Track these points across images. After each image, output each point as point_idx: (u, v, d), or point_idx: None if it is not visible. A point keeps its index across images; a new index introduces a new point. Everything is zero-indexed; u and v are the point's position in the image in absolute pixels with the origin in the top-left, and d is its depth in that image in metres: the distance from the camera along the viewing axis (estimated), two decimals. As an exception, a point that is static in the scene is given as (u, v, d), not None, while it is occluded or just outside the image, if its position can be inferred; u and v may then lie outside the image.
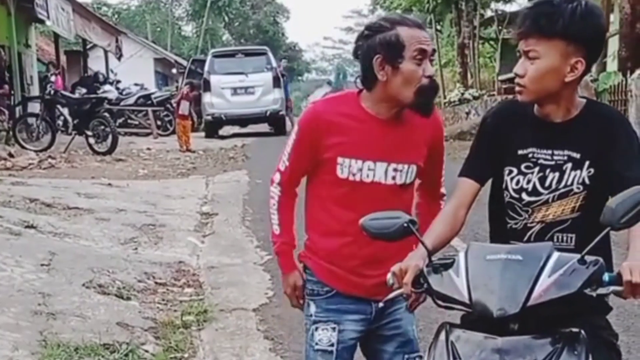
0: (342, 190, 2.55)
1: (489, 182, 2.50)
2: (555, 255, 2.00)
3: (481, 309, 1.94)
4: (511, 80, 21.52)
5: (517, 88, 2.32)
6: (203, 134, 20.30)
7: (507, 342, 1.90)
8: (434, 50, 2.51)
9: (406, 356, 2.64)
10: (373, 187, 2.54)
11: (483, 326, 1.95)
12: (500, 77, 22.06)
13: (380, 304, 2.33)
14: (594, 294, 1.95)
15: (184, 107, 16.78)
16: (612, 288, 1.95)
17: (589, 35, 2.25)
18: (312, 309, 2.65)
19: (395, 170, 2.55)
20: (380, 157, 2.53)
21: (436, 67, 13.40)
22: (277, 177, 2.71)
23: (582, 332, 1.98)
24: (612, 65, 14.36)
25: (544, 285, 1.92)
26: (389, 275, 2.19)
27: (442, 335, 2.03)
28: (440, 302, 2.12)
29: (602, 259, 2.00)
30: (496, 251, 2.04)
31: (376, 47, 2.46)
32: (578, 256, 1.99)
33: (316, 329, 2.62)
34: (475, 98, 19.58)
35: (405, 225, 2.15)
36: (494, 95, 19.70)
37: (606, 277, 1.98)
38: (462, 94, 20.10)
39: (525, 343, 1.91)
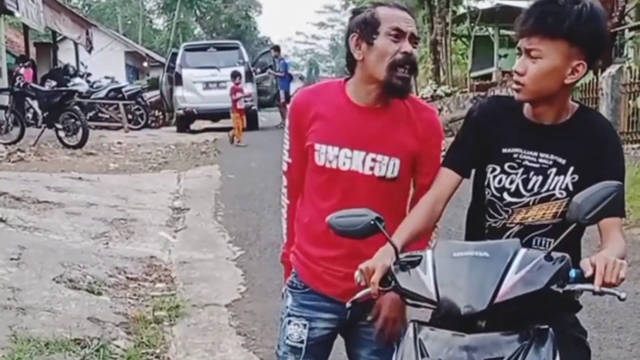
0: (322, 179, 2.51)
1: (470, 181, 2.51)
2: (522, 251, 2.01)
3: (448, 307, 1.94)
4: (483, 77, 21.76)
5: (515, 86, 2.30)
6: (174, 128, 20.17)
7: (474, 340, 1.90)
8: (414, 35, 2.44)
9: None
10: (351, 176, 2.48)
11: (452, 324, 1.95)
12: (472, 74, 22.27)
13: (348, 304, 2.26)
14: (561, 291, 1.96)
15: (241, 100, 16.25)
16: (578, 286, 1.96)
17: (592, 38, 2.24)
18: (289, 301, 2.64)
19: (373, 160, 2.48)
20: (357, 145, 2.47)
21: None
22: (283, 181, 2.69)
23: (550, 328, 1.99)
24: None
25: (511, 282, 1.93)
26: (356, 274, 2.18)
27: (410, 333, 2.02)
28: (408, 301, 2.13)
29: (568, 256, 2.01)
30: (463, 248, 2.05)
31: (353, 26, 2.46)
32: (545, 252, 2.00)
33: (289, 322, 2.62)
34: (447, 95, 19.67)
35: (372, 222, 2.14)
36: (466, 92, 19.81)
37: (573, 273, 1.99)
38: (435, 90, 20.17)
39: (492, 340, 1.91)
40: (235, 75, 16.85)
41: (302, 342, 2.60)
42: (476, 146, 2.42)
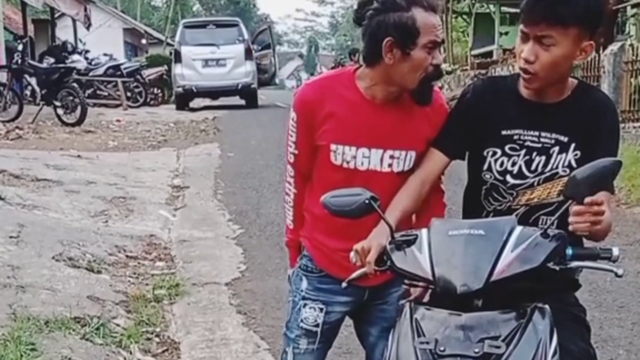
0: (338, 177, 2.45)
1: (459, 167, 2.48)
2: (518, 229, 2.00)
3: (444, 285, 1.93)
4: (484, 55, 21.65)
5: (525, 75, 2.24)
6: (173, 106, 20.10)
7: (471, 318, 1.89)
8: (443, 40, 2.41)
9: None
10: (369, 176, 2.43)
11: (449, 303, 1.94)
12: (473, 52, 22.15)
13: (344, 284, 2.26)
14: (557, 268, 1.95)
15: None
16: (574, 263, 1.96)
17: (599, 18, 2.23)
18: (304, 284, 2.60)
19: (391, 157, 2.44)
20: (375, 143, 2.43)
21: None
22: (289, 170, 2.64)
23: (547, 306, 1.98)
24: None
25: (507, 260, 1.92)
26: (352, 254, 2.18)
27: (407, 313, 2.01)
28: (404, 280, 2.11)
29: (565, 233, 2.00)
30: (458, 226, 2.03)
31: (389, 27, 2.31)
32: (541, 230, 1.98)
33: (304, 305, 2.59)
34: (448, 73, 19.56)
35: (367, 202, 2.12)
36: (467, 70, 19.73)
37: (570, 250, 1.98)
38: (435, 68, 20.06)
39: (489, 319, 1.90)
40: (353, 52, 15.96)
41: (317, 325, 2.58)
42: (469, 129, 2.39)
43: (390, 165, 2.45)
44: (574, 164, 2.28)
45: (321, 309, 2.57)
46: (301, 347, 2.62)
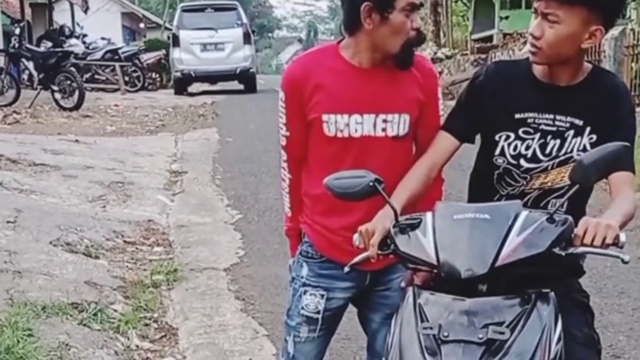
0: (332, 150, 2.44)
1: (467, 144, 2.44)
2: (524, 213, 1.97)
3: (449, 270, 1.90)
4: (484, 39, 21.59)
5: (531, 49, 2.24)
6: (172, 90, 20.04)
7: (475, 304, 1.87)
8: (421, 3, 2.40)
9: None
10: (364, 142, 2.42)
11: (453, 287, 1.91)
12: (473, 36, 22.06)
13: (346, 269, 2.23)
14: (563, 253, 1.92)
15: None
16: (580, 248, 1.92)
17: (610, 2, 2.20)
18: (305, 270, 2.58)
19: (384, 121, 2.42)
20: (366, 109, 2.41)
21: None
22: (282, 155, 2.61)
23: (552, 292, 1.96)
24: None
25: (513, 244, 1.89)
26: (355, 236, 2.15)
27: (410, 298, 1.99)
28: (408, 264, 2.08)
29: (571, 218, 1.97)
30: (464, 210, 2.00)
31: None
32: (547, 214, 1.96)
33: (305, 292, 2.57)
34: (448, 57, 19.50)
35: (371, 184, 2.09)
36: (467, 54, 19.65)
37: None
38: (435, 53, 19.98)
39: (493, 304, 1.87)
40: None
41: (318, 312, 2.56)
42: (481, 112, 2.36)
43: (384, 130, 2.43)
44: (589, 148, 2.25)
45: (322, 295, 2.55)
46: (302, 335, 2.59)
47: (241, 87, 19.93)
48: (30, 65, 15.55)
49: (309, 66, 2.48)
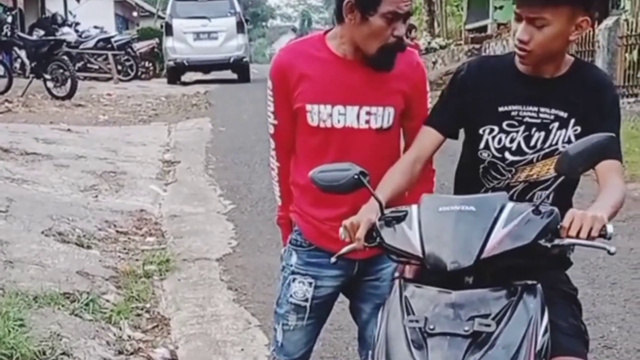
0: (316, 140, 2.44)
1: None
2: (510, 205, 1.97)
3: (434, 262, 1.90)
4: (478, 29, 21.58)
5: (520, 53, 2.24)
6: (165, 79, 19.97)
7: (461, 296, 1.86)
8: (409, 13, 2.36)
9: None
10: (346, 133, 2.42)
11: (439, 280, 1.91)
12: (467, 26, 21.99)
13: (332, 260, 2.22)
14: (549, 245, 1.92)
15: None
16: (567, 240, 1.92)
17: None
18: (294, 259, 2.58)
19: (368, 113, 2.41)
20: (350, 100, 2.40)
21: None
22: (271, 144, 2.60)
23: (538, 284, 1.96)
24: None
25: (498, 236, 1.89)
26: (341, 230, 2.14)
27: (397, 291, 1.98)
28: (393, 257, 2.07)
29: (557, 209, 1.97)
30: (449, 203, 2.00)
31: None
32: (532, 206, 1.95)
33: (293, 280, 2.57)
34: (442, 47, 19.50)
35: (356, 177, 2.08)
36: (461, 44, 19.62)
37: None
38: (429, 43, 19.98)
39: (479, 296, 1.87)
40: (409, 28, 15.42)
41: (306, 300, 2.56)
42: (464, 107, 2.36)
43: (367, 122, 2.42)
44: (573, 139, 2.25)
45: (310, 284, 2.55)
46: (290, 323, 2.59)
47: (234, 76, 19.88)
48: (23, 53, 15.49)
49: (295, 55, 2.48)
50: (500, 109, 2.30)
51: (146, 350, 3.85)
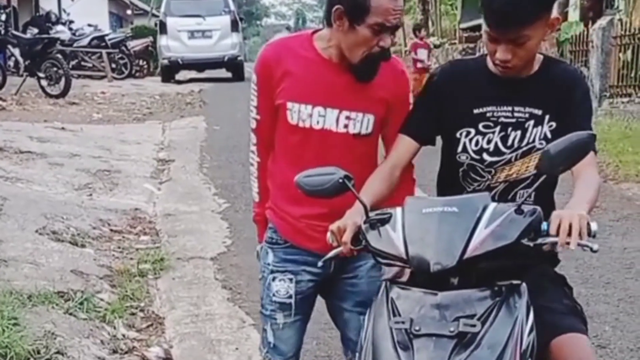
0: (295, 138, 2.45)
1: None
2: (492, 205, 1.97)
3: (418, 264, 1.90)
4: (472, 28, 21.62)
5: (503, 70, 2.23)
6: (159, 78, 19.95)
7: (446, 297, 1.86)
8: (397, 26, 2.35)
9: (362, 317, 2.57)
10: (324, 135, 2.42)
11: (425, 281, 1.91)
12: (461, 25, 22.03)
13: (320, 264, 2.24)
14: (532, 244, 1.92)
15: (424, 56, 13.36)
16: (549, 239, 1.92)
17: None
18: (270, 257, 2.59)
19: (347, 118, 2.42)
20: (331, 103, 2.41)
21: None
22: (252, 138, 2.60)
23: (524, 284, 1.96)
24: (573, 14, 14.37)
25: (481, 236, 1.89)
26: (328, 235, 2.15)
27: (383, 293, 1.99)
28: (380, 260, 2.07)
29: (539, 208, 1.98)
30: (432, 204, 2.00)
31: None
32: (515, 206, 1.96)
33: (273, 279, 2.57)
34: (436, 46, 19.48)
35: (341, 181, 2.09)
36: (455, 43, 19.65)
37: (545, 226, 1.95)
38: (423, 42, 19.97)
39: (464, 297, 1.87)
40: (417, 28, 14.83)
41: (290, 297, 2.56)
42: (439, 112, 2.37)
43: (346, 126, 2.43)
44: (549, 135, 2.27)
45: (291, 279, 2.55)
46: (279, 322, 2.60)
47: (229, 75, 19.87)
48: (16, 51, 15.44)
49: (281, 51, 2.47)
50: (475, 111, 2.32)
51: (140, 349, 3.84)
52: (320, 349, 3.84)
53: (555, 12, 2.22)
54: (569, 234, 1.88)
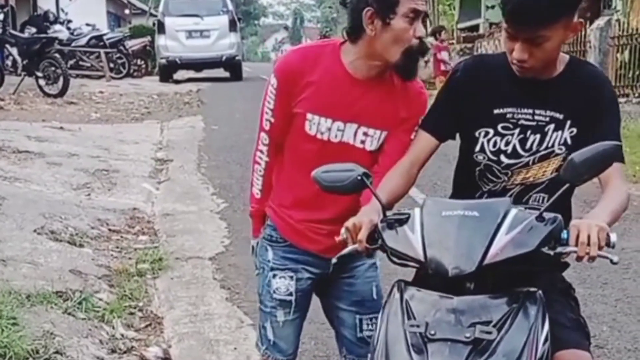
0: (310, 147, 2.44)
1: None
2: (513, 211, 1.94)
3: (436, 267, 1.88)
4: (470, 29, 21.61)
5: (519, 69, 2.19)
6: (157, 77, 19.94)
7: (462, 302, 1.84)
8: (426, 12, 2.35)
9: (358, 317, 2.59)
10: (342, 148, 2.42)
11: (438, 284, 1.89)
12: (459, 25, 22.05)
13: (334, 260, 2.21)
14: (552, 253, 1.90)
15: (446, 58, 13.40)
16: (569, 248, 1.90)
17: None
18: (270, 254, 2.60)
19: (365, 134, 2.42)
20: (351, 118, 2.41)
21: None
22: (263, 138, 2.58)
23: (539, 291, 1.95)
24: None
25: (501, 243, 1.87)
26: (342, 231, 2.13)
27: (397, 294, 1.97)
28: (394, 259, 2.06)
29: (560, 217, 1.95)
30: (452, 207, 1.98)
31: None
32: (536, 213, 1.94)
33: (274, 276, 2.58)
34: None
35: (359, 178, 2.07)
36: (453, 43, 19.64)
37: (565, 234, 1.93)
38: (421, 42, 19.96)
39: (480, 303, 1.85)
40: (438, 30, 14.64)
41: (291, 294, 2.57)
42: (460, 110, 2.33)
43: (363, 142, 2.43)
44: (569, 141, 2.23)
45: (291, 277, 2.57)
46: (279, 319, 2.61)
47: (227, 74, 19.87)
48: (14, 51, 15.42)
49: (307, 60, 2.45)
50: (496, 111, 2.28)
51: (139, 349, 3.85)
52: (319, 349, 3.85)
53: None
54: (588, 245, 1.85)
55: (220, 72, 19.92)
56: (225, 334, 4.08)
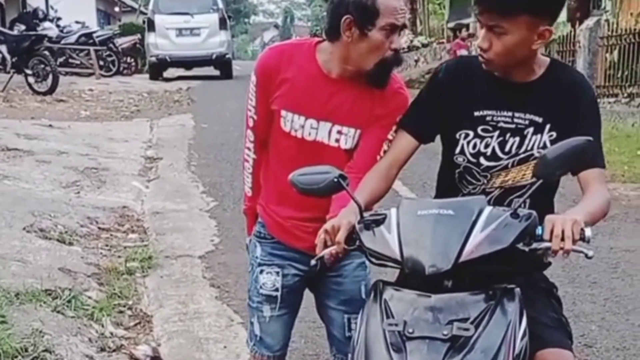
0: (288, 144, 2.47)
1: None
2: (488, 209, 1.96)
3: (413, 266, 1.89)
4: (460, 27, 21.65)
5: (482, 59, 2.21)
6: (147, 75, 19.89)
7: (440, 300, 1.86)
8: (404, 25, 2.36)
9: (346, 316, 2.59)
10: (316, 147, 2.44)
11: (418, 283, 1.91)
12: (449, 25, 22.09)
13: (312, 262, 2.23)
14: (527, 249, 1.92)
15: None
16: (544, 244, 1.91)
17: (551, 4, 2.18)
18: (258, 251, 2.63)
19: (339, 132, 2.43)
20: (324, 116, 2.42)
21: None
22: (249, 135, 2.61)
23: (517, 288, 1.96)
24: (561, 15, 14.44)
25: (476, 240, 1.89)
26: (320, 232, 2.15)
27: (375, 294, 1.98)
28: (373, 260, 2.07)
29: (535, 213, 1.96)
30: (428, 206, 1.99)
31: (349, 5, 2.30)
32: (511, 210, 1.95)
33: (261, 271, 2.61)
34: (424, 45, 19.56)
35: (335, 180, 2.08)
36: (443, 42, 19.69)
37: (539, 230, 1.94)
38: (411, 41, 20.03)
39: (458, 300, 1.87)
40: (459, 28, 14.86)
41: (277, 290, 2.60)
42: (441, 111, 2.33)
43: (337, 141, 2.44)
44: (548, 145, 2.22)
45: (277, 273, 2.59)
46: (265, 315, 2.63)
47: (217, 72, 19.83)
48: (3, 48, 15.34)
49: (283, 58, 2.48)
50: (476, 113, 2.28)
51: (128, 347, 3.84)
52: (308, 347, 3.85)
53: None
54: (563, 239, 1.87)
55: (211, 70, 19.89)
56: (214, 333, 4.08)
